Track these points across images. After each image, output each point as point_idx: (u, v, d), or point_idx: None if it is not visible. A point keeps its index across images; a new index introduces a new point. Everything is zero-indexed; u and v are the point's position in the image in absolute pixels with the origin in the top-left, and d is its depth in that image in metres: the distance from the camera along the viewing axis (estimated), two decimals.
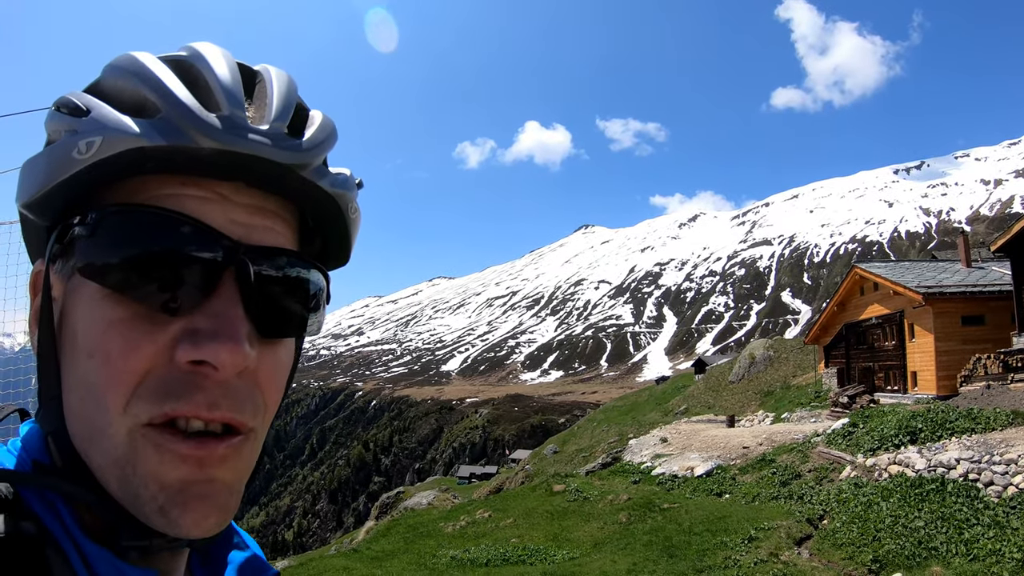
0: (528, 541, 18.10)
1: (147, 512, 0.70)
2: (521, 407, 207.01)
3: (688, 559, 13.37)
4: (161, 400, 0.69)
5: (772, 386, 46.13)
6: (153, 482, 0.69)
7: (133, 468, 0.69)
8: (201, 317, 0.71)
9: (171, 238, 0.70)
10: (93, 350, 0.70)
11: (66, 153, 0.70)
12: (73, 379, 0.72)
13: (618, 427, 56.31)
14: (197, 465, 0.71)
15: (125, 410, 0.69)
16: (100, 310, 0.70)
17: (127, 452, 0.69)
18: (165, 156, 0.70)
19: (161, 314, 0.70)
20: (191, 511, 0.71)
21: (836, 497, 15.82)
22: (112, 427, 0.69)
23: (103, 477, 0.70)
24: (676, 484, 21.46)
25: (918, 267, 33.36)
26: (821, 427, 24.60)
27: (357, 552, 19.63)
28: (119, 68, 0.75)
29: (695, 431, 29.56)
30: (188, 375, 0.70)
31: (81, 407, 0.71)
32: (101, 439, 0.70)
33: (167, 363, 0.70)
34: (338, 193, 0.84)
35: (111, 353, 0.69)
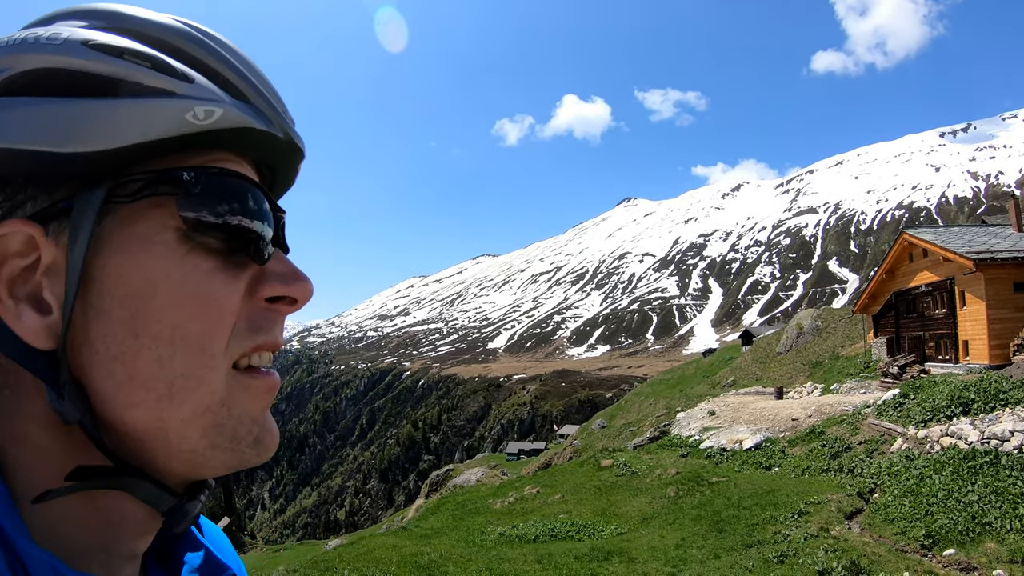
0: (576, 516, 18.12)
1: (243, 447, 0.74)
2: (568, 382, 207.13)
3: (737, 534, 13.26)
4: (252, 334, 0.75)
5: (821, 357, 45.50)
6: (247, 418, 0.75)
7: (229, 410, 0.73)
8: (276, 263, 0.79)
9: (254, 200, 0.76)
10: (192, 299, 0.71)
11: (178, 114, 0.71)
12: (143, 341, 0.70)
13: (665, 400, 56.11)
14: (269, 394, 0.77)
15: (226, 351, 0.72)
16: (192, 263, 0.72)
17: (224, 395, 0.73)
18: (256, 138, 0.77)
19: (246, 261, 0.75)
20: (271, 435, 0.78)
21: (887, 470, 15.52)
22: (216, 372, 0.72)
23: (184, 432, 0.71)
24: (724, 457, 21.31)
25: (968, 232, 32.42)
26: (871, 398, 24.17)
27: (406, 530, 19.81)
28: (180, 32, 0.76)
29: (743, 403, 29.28)
30: (268, 311, 0.77)
31: (160, 366, 0.70)
32: (192, 389, 0.71)
33: (250, 302, 0.75)
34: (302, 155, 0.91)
35: (216, 298, 0.72)
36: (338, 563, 14.18)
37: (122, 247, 0.71)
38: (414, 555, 14.44)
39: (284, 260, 0.80)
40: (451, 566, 13.34)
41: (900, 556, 10.96)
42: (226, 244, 0.74)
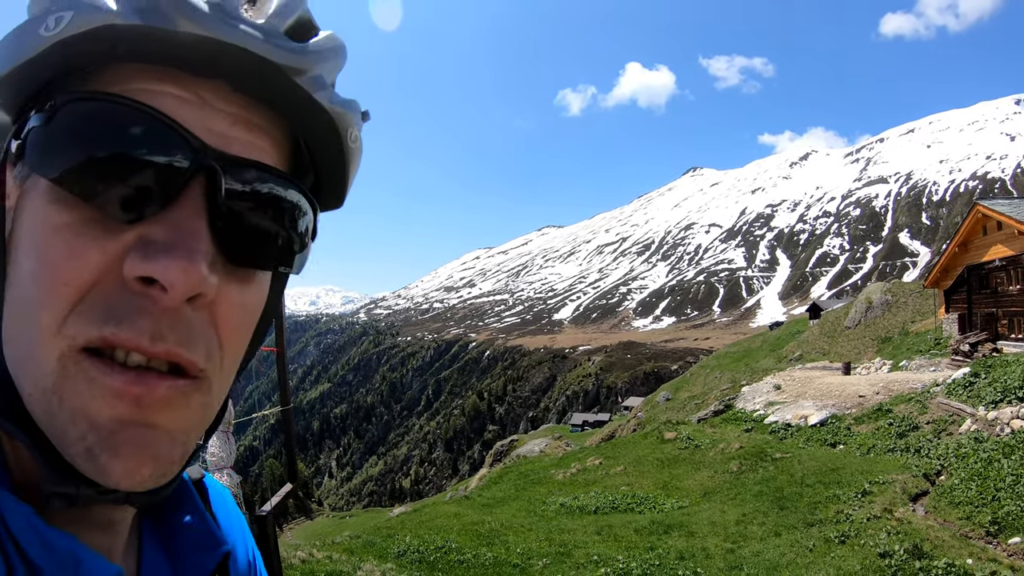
0: (638, 489, 18.19)
1: (73, 454, 0.60)
2: (633, 354, 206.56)
3: (799, 512, 13.16)
4: (101, 320, 0.60)
5: (890, 332, 44.49)
6: (82, 419, 0.60)
7: (60, 400, 0.60)
8: (158, 227, 0.62)
9: (135, 134, 0.61)
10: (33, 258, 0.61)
11: (34, 30, 0.62)
12: (12, 295, 0.63)
13: (731, 374, 55.60)
14: (134, 404, 0.61)
15: (60, 329, 0.59)
16: (46, 212, 0.61)
17: (56, 381, 0.60)
18: (139, 39, 0.62)
19: (114, 221, 0.61)
20: (122, 458, 0.61)
21: (955, 452, 15.15)
22: (43, 348, 0.60)
23: (33, 409, 0.61)
24: (789, 433, 21.09)
25: None
26: (941, 376, 23.57)
27: (469, 499, 20.14)
28: None
29: (809, 378, 28.86)
30: (135, 296, 0.61)
31: (16, 327, 0.62)
32: (29, 363, 0.61)
33: (115, 280, 0.61)
34: (337, 111, 0.72)
35: (52, 261, 0.60)
36: (401, 530, 14.51)
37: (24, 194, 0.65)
38: (475, 524, 14.70)
39: (177, 226, 0.63)
40: (511, 535, 13.54)
41: (964, 542, 10.75)
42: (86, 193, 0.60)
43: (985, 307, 32.13)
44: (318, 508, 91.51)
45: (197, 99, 0.66)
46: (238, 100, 0.68)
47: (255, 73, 0.66)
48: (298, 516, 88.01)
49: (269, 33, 0.65)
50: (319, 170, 0.79)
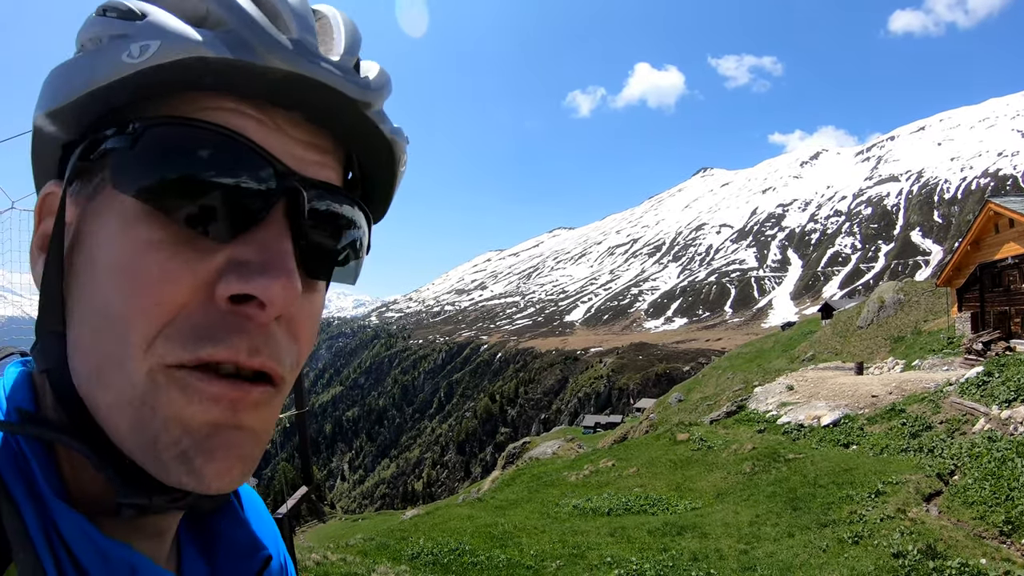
0: (651, 490, 18.19)
1: (166, 459, 0.61)
2: (645, 355, 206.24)
3: (812, 512, 13.15)
4: (196, 342, 0.61)
5: (902, 331, 44.30)
6: (176, 425, 0.62)
7: (153, 409, 0.61)
8: (248, 248, 0.64)
9: (226, 157, 0.63)
10: (121, 274, 0.61)
11: (115, 56, 0.62)
12: (87, 308, 0.63)
13: (743, 374, 55.46)
14: (230, 408, 0.64)
15: (148, 349, 0.61)
16: (136, 230, 0.61)
17: (146, 391, 0.61)
18: (228, 71, 0.63)
19: (205, 240, 0.62)
20: (217, 460, 0.63)
21: (968, 451, 15.08)
22: (132, 362, 0.61)
23: (111, 420, 0.62)
24: (802, 434, 21.04)
25: None
26: (954, 376, 23.46)
27: (482, 501, 20.17)
28: None
29: (822, 378, 28.78)
30: (228, 315, 0.63)
31: (94, 340, 0.62)
32: (114, 375, 0.61)
33: (205, 300, 0.62)
34: (396, 141, 0.76)
35: (144, 278, 0.60)
36: (414, 532, 14.58)
37: (94, 211, 0.65)
38: (488, 526, 14.74)
39: (267, 244, 0.64)
40: (524, 537, 13.58)
41: (978, 542, 10.73)
42: (177, 213, 0.62)
43: (998, 305, 31.94)
44: (331, 511, 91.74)
45: (275, 125, 0.67)
46: (310, 128, 0.70)
47: (331, 106, 0.69)
48: (311, 519, 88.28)
49: (344, 70, 0.68)
50: (371, 189, 0.82)
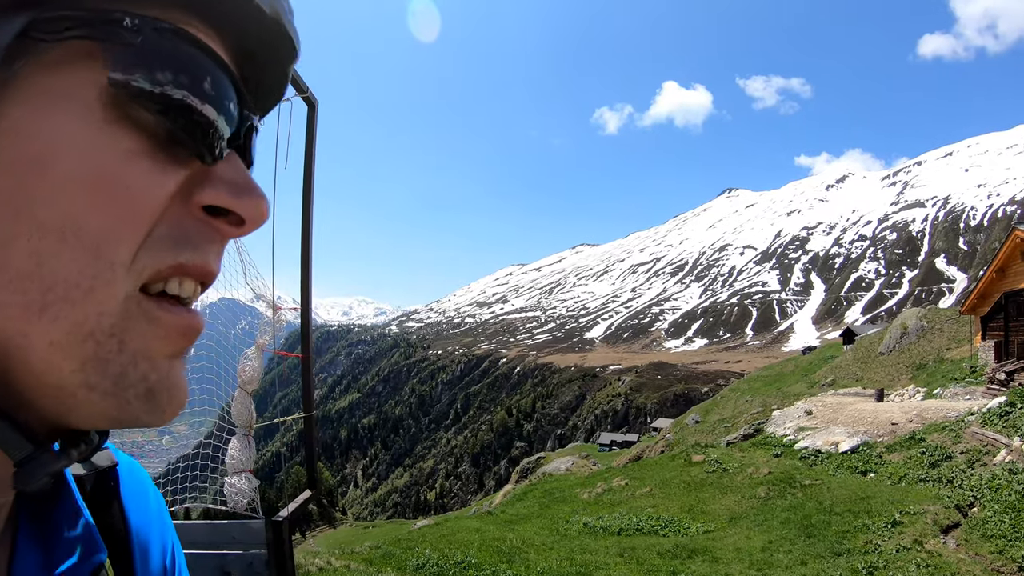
0: (663, 511, 17.95)
1: (129, 397, 0.55)
2: (664, 375, 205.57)
3: (826, 540, 12.86)
4: (176, 247, 0.59)
5: (925, 359, 43.76)
6: (144, 359, 0.58)
7: (121, 343, 0.56)
8: (229, 168, 0.62)
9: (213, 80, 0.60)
10: (99, 185, 0.53)
11: None
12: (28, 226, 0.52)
13: (762, 398, 55.03)
14: (186, 338, 0.61)
15: (132, 263, 0.56)
16: (110, 136, 0.54)
17: (117, 321, 0.56)
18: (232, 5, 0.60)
19: (186, 153, 0.59)
20: (173, 392, 0.60)
21: (988, 483, 14.74)
22: (112, 287, 0.55)
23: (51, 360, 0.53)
24: (819, 460, 20.72)
25: None
26: (976, 405, 23.04)
27: (492, 514, 19.99)
28: None
29: (841, 404, 28.42)
30: (202, 224, 0.61)
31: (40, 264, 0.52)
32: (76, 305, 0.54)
33: (180, 209, 0.59)
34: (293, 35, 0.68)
35: (130, 186, 0.55)
36: (422, 542, 14.41)
37: (29, 98, 0.53)
38: (496, 540, 14.57)
39: (240, 168, 0.63)
40: (533, 553, 13.39)
41: None
42: (163, 124, 0.57)
43: (1022, 334, 31.45)
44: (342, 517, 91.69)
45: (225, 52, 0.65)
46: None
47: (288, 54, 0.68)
48: (321, 524, 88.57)
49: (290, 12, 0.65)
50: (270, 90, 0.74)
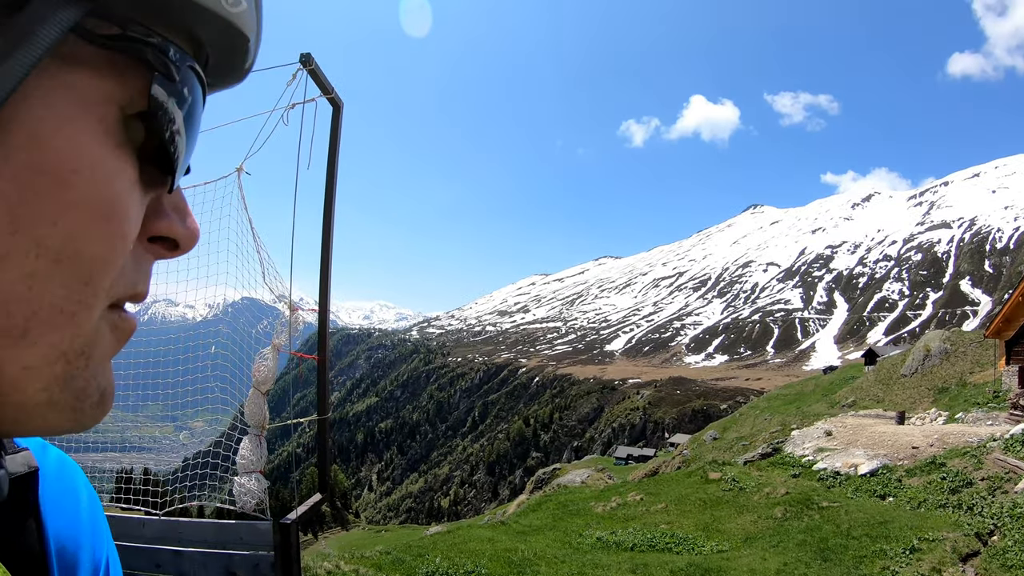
0: (677, 528, 17.78)
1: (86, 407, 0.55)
2: (683, 390, 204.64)
3: (843, 564, 12.66)
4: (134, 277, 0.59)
5: (947, 382, 43.23)
6: (102, 368, 0.57)
7: (88, 358, 0.55)
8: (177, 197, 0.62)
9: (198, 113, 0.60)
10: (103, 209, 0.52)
11: None
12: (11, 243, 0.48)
13: (781, 416, 54.56)
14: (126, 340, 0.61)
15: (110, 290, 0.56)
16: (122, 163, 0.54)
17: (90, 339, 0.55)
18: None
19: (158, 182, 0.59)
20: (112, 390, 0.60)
21: (1009, 511, 14.47)
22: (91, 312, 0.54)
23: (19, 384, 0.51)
24: (837, 482, 20.46)
25: None
26: (998, 431, 22.69)
27: (504, 524, 19.87)
28: None
29: (862, 426, 28.09)
30: (147, 251, 0.60)
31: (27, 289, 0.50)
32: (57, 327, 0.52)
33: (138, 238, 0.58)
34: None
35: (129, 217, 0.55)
36: (432, 550, 14.34)
37: (55, 103, 0.49)
38: (508, 551, 14.46)
39: (180, 193, 0.62)
40: (543, 566, 13.26)
41: None
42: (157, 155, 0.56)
43: None
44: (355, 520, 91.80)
45: None
46: None
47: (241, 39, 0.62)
48: (334, 526, 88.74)
49: None
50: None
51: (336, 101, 7.11)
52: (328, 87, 6.84)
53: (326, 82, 6.76)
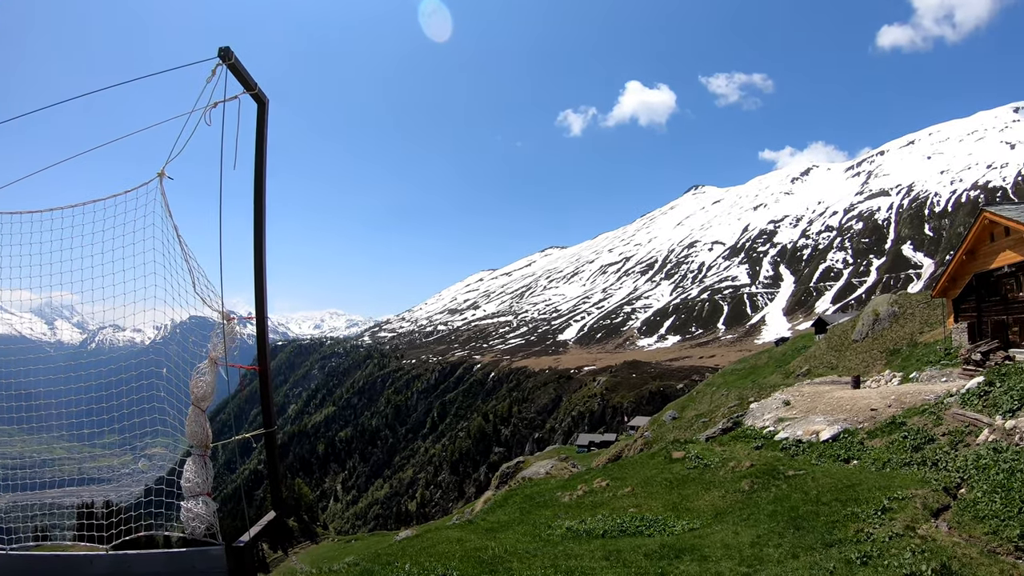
0: (646, 511, 17.68)
1: None
2: (639, 374, 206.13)
3: (816, 531, 12.61)
4: None
5: (898, 344, 44.03)
6: None
7: None
8: None
9: None
10: None
11: None
12: None
13: (738, 391, 55.08)
14: None
15: None
16: None
17: None
18: None
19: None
20: None
21: (974, 463, 14.63)
22: None
23: None
24: (800, 449, 20.56)
25: None
26: (953, 387, 23.06)
27: (472, 523, 19.63)
28: None
29: (819, 393, 28.36)
30: None
31: None
32: None
33: None
34: None
35: None
36: (401, 557, 14.03)
37: None
38: (478, 549, 14.20)
39: None
40: (515, 562, 13.00)
41: (993, 559, 10.24)
42: None
43: (995, 315, 31.61)
44: (324, 532, 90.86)
45: None
46: None
47: None
48: (303, 540, 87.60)
49: None
50: None
51: (260, 97, 6.77)
52: (251, 83, 6.49)
53: (248, 77, 6.41)
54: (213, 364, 5.92)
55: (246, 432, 7.05)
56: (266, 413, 6.75)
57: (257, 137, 6.93)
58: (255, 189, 6.89)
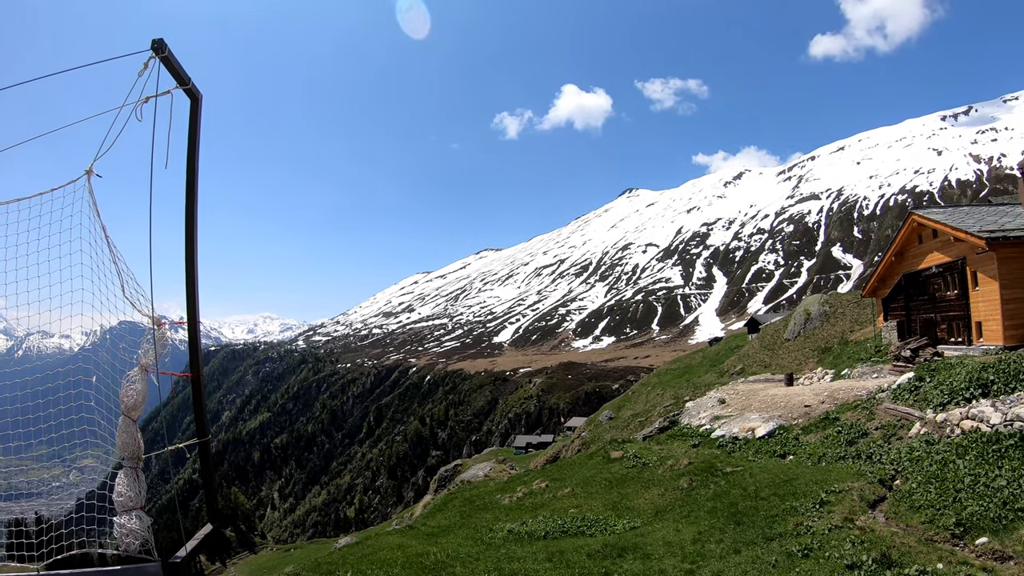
0: (587, 511, 17.69)
1: None
2: (574, 375, 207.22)
3: (756, 526, 12.75)
4: None
5: (830, 342, 45.03)
6: None
7: None
8: None
9: None
10: None
11: None
12: None
13: (673, 390, 55.67)
14: None
15: None
16: None
17: None
18: None
19: None
20: None
21: (908, 456, 15.03)
22: None
23: None
24: (737, 446, 20.84)
25: (978, 211, 31.66)
26: (885, 382, 23.65)
27: (413, 528, 19.39)
28: None
29: (753, 391, 28.80)
30: None
31: None
32: None
33: None
34: None
35: None
36: (342, 565, 13.78)
37: None
38: (420, 555, 14.02)
39: None
40: (458, 567, 12.88)
41: (931, 546, 10.46)
42: None
43: (924, 313, 32.57)
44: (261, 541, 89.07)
45: None
46: None
47: None
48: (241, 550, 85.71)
49: None
50: None
51: (194, 92, 6.54)
52: (184, 77, 6.26)
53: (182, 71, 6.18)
54: (143, 371, 5.67)
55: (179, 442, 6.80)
56: (199, 422, 6.50)
57: (190, 134, 6.69)
58: (187, 188, 6.65)
